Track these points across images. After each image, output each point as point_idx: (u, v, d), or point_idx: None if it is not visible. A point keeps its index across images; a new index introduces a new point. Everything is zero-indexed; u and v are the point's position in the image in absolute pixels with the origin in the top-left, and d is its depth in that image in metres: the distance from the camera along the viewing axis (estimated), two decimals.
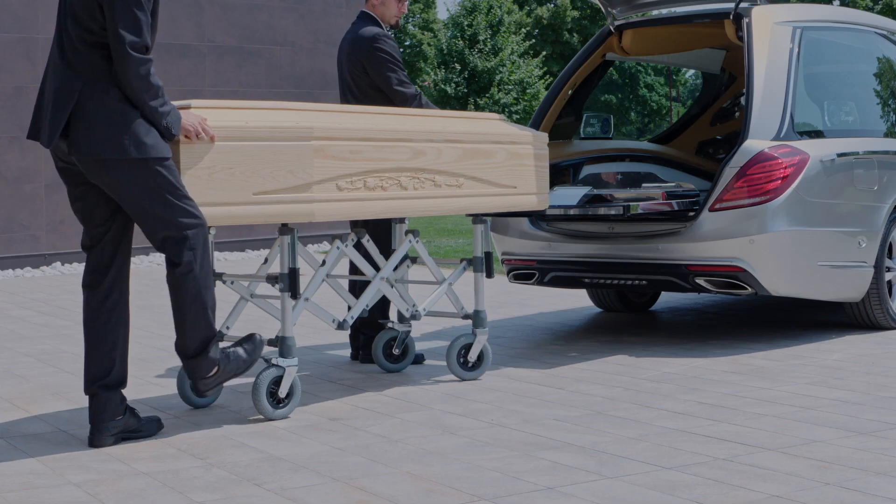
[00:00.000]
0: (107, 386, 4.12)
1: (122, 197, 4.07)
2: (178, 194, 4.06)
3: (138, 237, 5.08)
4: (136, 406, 4.79)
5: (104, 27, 4.01)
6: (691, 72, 38.97)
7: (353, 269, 5.59)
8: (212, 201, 4.16)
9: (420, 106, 5.48)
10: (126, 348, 4.21)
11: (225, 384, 5.11)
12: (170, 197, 4.04)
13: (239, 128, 4.24)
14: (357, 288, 5.58)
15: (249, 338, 4.40)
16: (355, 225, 5.52)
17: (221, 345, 4.51)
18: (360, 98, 5.60)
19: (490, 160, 5.11)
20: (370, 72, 5.55)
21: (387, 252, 5.36)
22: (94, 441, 4.09)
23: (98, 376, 4.12)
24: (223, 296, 7.92)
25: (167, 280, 4.18)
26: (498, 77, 37.67)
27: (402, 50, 51.28)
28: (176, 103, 4.32)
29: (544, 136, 5.45)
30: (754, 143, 5.85)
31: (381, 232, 5.53)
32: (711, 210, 5.81)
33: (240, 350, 4.35)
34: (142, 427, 4.21)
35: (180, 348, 4.22)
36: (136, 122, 4.00)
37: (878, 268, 6.29)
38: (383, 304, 5.65)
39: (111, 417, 4.10)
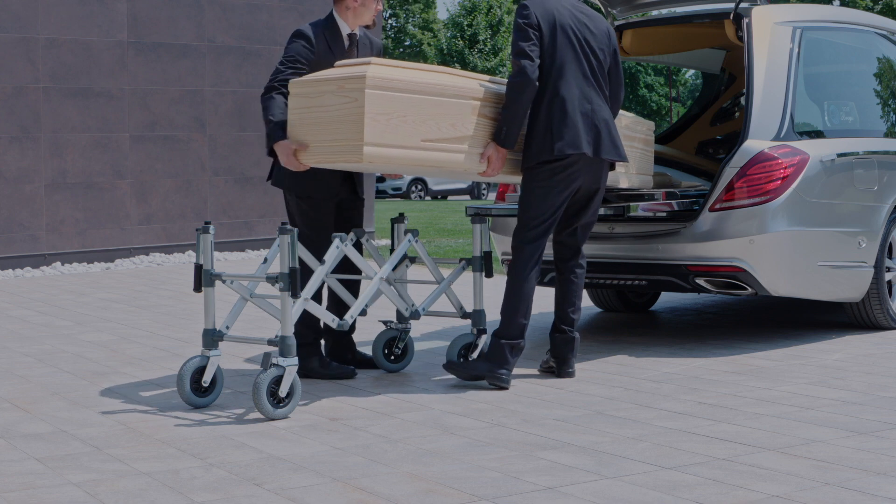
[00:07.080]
0: (571, 329, 5.26)
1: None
2: None
3: (133, 238, 5.06)
4: (135, 405, 4.80)
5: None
6: (691, 72, 38.94)
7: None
8: (387, 143, 4.69)
9: None
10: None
11: (225, 385, 5.13)
12: None
13: (414, 82, 4.79)
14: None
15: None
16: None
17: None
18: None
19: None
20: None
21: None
22: (563, 373, 5.27)
23: (567, 321, 5.25)
24: (223, 296, 7.92)
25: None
26: (499, 77, 37.70)
27: (401, 50, 51.47)
28: (356, 60, 4.89)
29: (651, 125, 6.07)
30: (754, 144, 5.85)
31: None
32: (711, 210, 5.81)
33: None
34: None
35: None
36: None
37: (878, 268, 6.29)
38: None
39: (573, 354, 5.27)
